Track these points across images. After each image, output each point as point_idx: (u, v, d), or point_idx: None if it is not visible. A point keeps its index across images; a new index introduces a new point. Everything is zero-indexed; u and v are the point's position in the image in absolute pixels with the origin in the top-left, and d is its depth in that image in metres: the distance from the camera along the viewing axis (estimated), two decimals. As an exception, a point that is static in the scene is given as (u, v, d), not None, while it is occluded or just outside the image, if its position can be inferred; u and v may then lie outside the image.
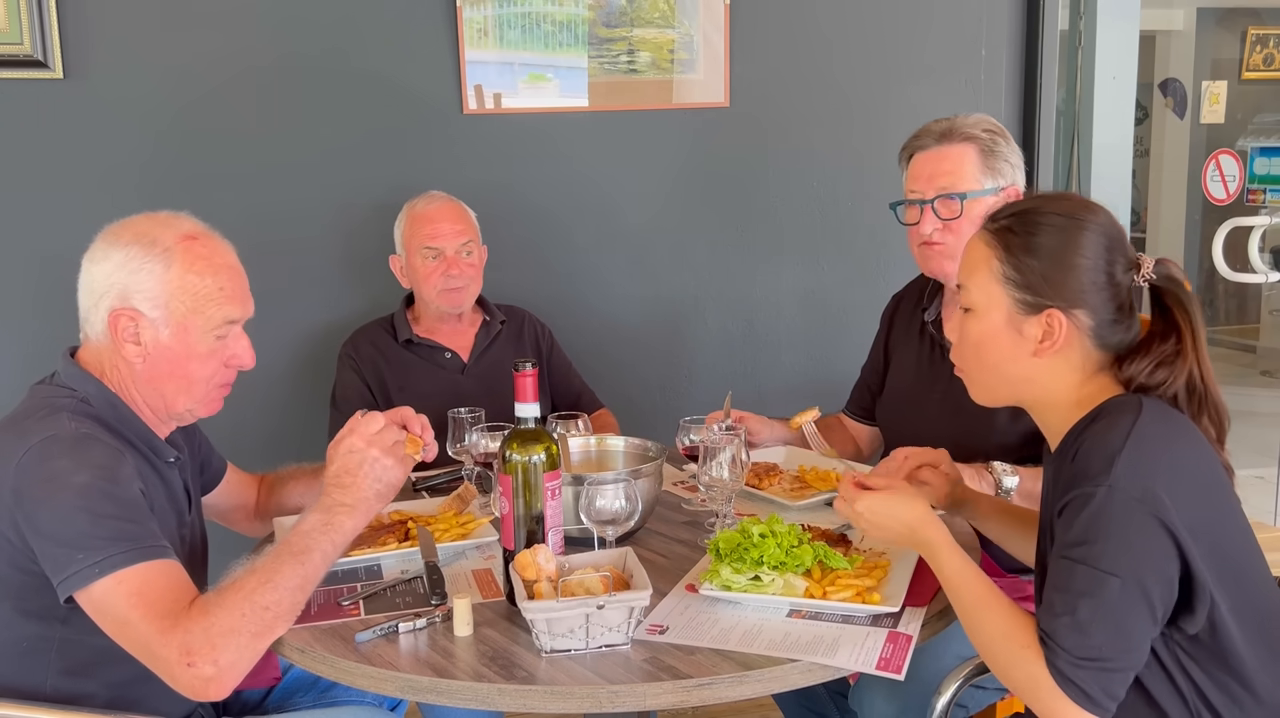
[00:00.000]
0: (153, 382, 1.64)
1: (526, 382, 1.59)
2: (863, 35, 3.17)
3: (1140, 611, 1.26)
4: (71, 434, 1.52)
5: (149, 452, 1.66)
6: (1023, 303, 1.40)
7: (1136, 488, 1.25)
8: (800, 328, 3.24)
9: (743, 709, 2.87)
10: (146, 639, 1.41)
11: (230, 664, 1.39)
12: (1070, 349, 1.40)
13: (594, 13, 2.94)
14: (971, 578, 1.41)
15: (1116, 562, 1.25)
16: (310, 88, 2.84)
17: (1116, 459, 1.26)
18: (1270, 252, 5.08)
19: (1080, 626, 1.26)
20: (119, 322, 1.60)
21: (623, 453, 2.04)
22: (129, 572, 1.42)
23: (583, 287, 3.08)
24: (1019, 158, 2.07)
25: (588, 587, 1.46)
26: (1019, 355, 1.42)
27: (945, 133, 2.05)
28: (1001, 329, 1.43)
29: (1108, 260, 1.38)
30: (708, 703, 1.42)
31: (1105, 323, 1.39)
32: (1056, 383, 1.42)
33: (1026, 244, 1.40)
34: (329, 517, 1.55)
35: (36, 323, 2.73)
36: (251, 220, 2.82)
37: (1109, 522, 1.26)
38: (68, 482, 1.46)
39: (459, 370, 2.59)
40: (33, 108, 2.69)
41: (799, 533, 1.62)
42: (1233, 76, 7.65)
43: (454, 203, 2.61)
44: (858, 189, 3.22)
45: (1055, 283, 1.38)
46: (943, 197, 2.03)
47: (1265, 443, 5.02)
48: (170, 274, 1.60)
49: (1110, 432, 1.30)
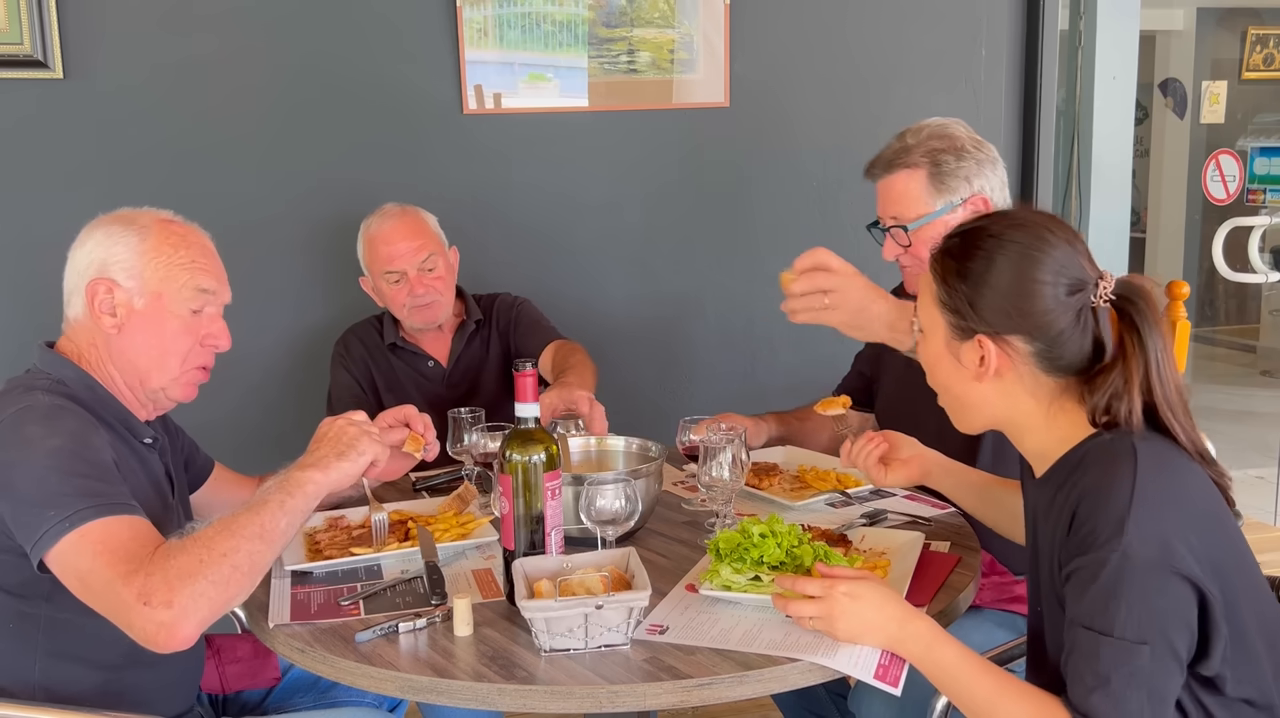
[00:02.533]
0: (127, 353, 1.67)
1: (526, 382, 1.58)
2: (863, 35, 3.17)
3: (1172, 670, 1.23)
4: (46, 405, 1.56)
5: (125, 431, 1.68)
6: (956, 328, 1.37)
7: (1152, 548, 1.21)
8: (800, 328, 3.21)
9: (743, 709, 2.87)
10: (107, 583, 1.40)
11: (185, 609, 1.37)
12: (1012, 375, 1.35)
13: (594, 13, 2.94)
14: (979, 666, 1.33)
15: (1143, 629, 1.21)
16: (310, 88, 2.84)
17: (1126, 521, 1.21)
18: (1270, 252, 5.08)
19: (1115, 698, 1.20)
20: (96, 292, 1.65)
21: (623, 453, 2.04)
22: (95, 524, 1.43)
23: (583, 286, 3.08)
24: (978, 163, 2.01)
25: (588, 586, 1.46)
26: (963, 380, 1.39)
27: (891, 159, 2.05)
28: (943, 352, 1.41)
29: (1049, 284, 1.31)
30: (708, 703, 1.42)
31: (1049, 348, 1.33)
32: (1014, 408, 1.38)
33: (959, 268, 1.36)
34: (288, 473, 1.58)
35: (36, 322, 2.72)
36: (251, 220, 2.82)
37: (1129, 588, 1.21)
38: (40, 445, 1.49)
39: (440, 379, 2.57)
40: (33, 108, 2.69)
41: (799, 533, 1.61)
42: (1233, 76, 7.65)
43: (408, 216, 2.51)
44: (857, 189, 3.21)
45: (984, 309, 1.34)
46: (894, 226, 2.05)
47: (1265, 443, 5.03)
48: (145, 245, 1.66)
49: (1112, 489, 1.24)
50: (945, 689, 1.38)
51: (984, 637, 1.84)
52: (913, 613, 1.40)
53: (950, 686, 1.35)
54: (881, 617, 1.38)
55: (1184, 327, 2.33)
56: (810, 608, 1.41)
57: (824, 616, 1.40)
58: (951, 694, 1.36)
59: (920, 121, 2.10)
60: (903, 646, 1.37)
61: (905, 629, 1.37)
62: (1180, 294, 2.38)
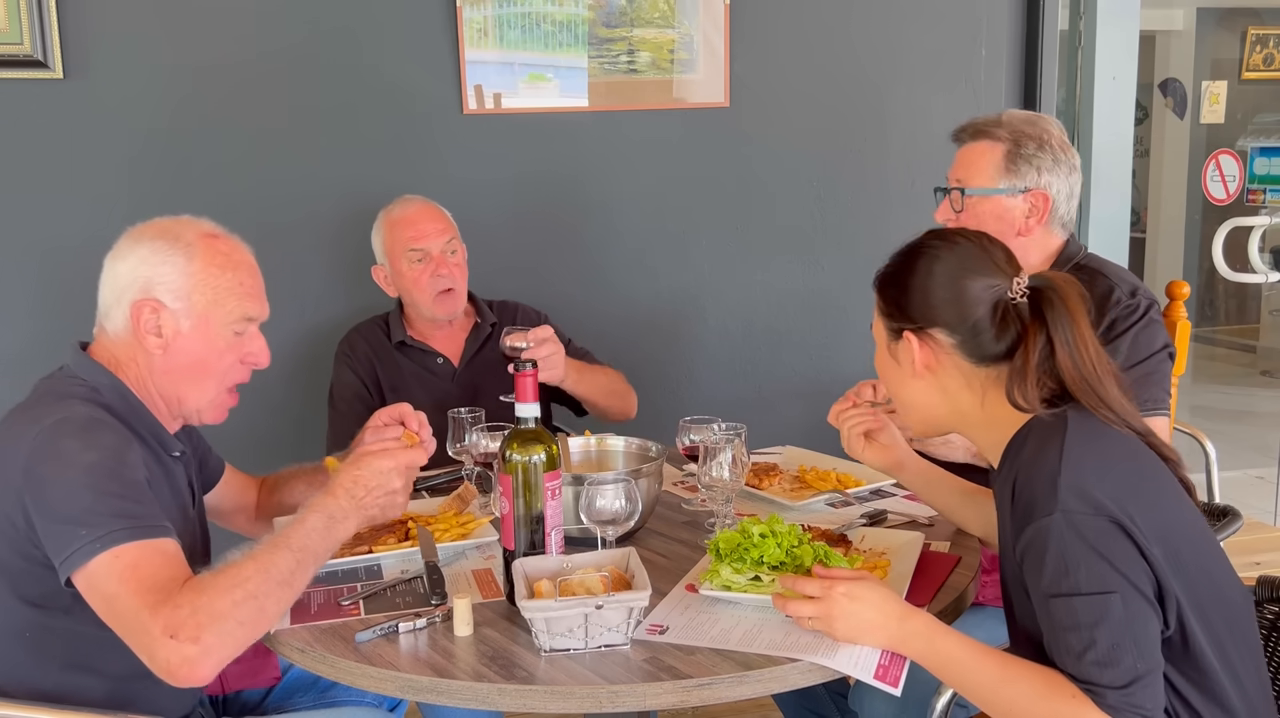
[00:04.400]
0: (170, 374, 1.67)
1: (526, 382, 1.59)
2: (862, 35, 3.17)
3: (1147, 612, 1.26)
4: (83, 417, 1.55)
5: (156, 444, 1.68)
6: (890, 330, 1.50)
7: (1087, 503, 1.26)
8: (800, 328, 3.25)
9: (743, 709, 2.87)
10: (134, 612, 1.39)
11: (210, 648, 1.37)
12: (942, 367, 1.45)
13: (594, 13, 2.94)
14: (980, 652, 1.36)
15: (1105, 579, 1.25)
16: (310, 88, 2.84)
17: (1058, 482, 1.27)
18: (1270, 252, 5.08)
19: (1107, 657, 1.24)
20: (141, 313, 1.63)
21: (623, 453, 2.04)
22: (127, 548, 1.42)
23: (583, 287, 3.08)
24: (1055, 161, 2.02)
25: (588, 586, 1.46)
26: (904, 379, 1.50)
27: (980, 128, 2.08)
28: (886, 357, 1.53)
29: (952, 276, 1.43)
30: (708, 703, 1.42)
31: (969, 338, 1.42)
32: (956, 402, 1.47)
33: (889, 277, 1.51)
34: (332, 522, 1.54)
35: (36, 321, 2.73)
36: (250, 220, 2.79)
37: (1077, 544, 1.26)
38: (75, 460, 1.48)
39: (449, 377, 2.57)
40: (33, 108, 2.69)
41: (799, 533, 1.61)
42: (1233, 76, 7.65)
43: (431, 203, 2.57)
44: (858, 189, 3.22)
45: (903, 305, 1.47)
46: (955, 189, 2.07)
47: (1265, 443, 5.02)
48: (193, 267, 1.64)
49: (1043, 456, 1.32)
50: (951, 681, 1.40)
51: (986, 634, 1.82)
52: (911, 611, 1.42)
53: (956, 677, 1.38)
54: (880, 616, 1.40)
55: (1184, 327, 2.33)
56: (809, 608, 1.43)
57: (823, 616, 1.42)
58: (958, 685, 1.39)
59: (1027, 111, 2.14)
60: (904, 644, 1.40)
61: (905, 627, 1.40)
62: (1180, 294, 2.38)
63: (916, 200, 3.15)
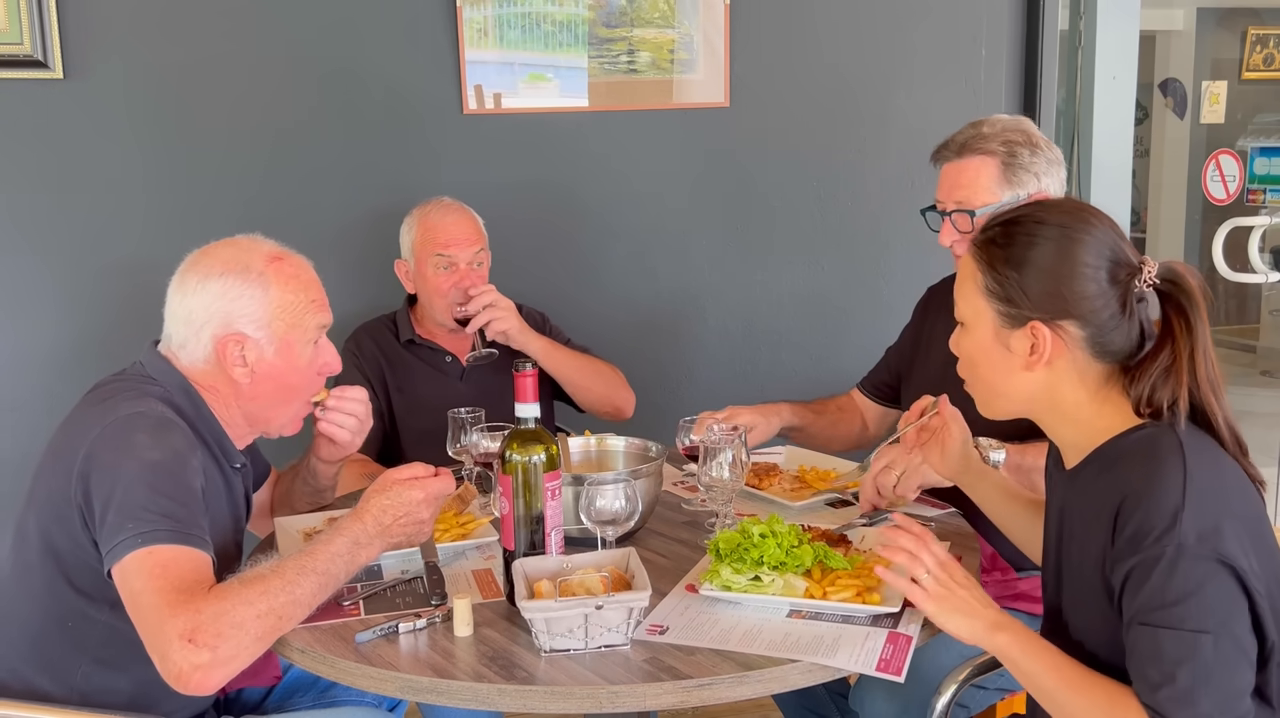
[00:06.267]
0: (257, 399, 1.73)
1: (526, 382, 1.59)
2: (862, 35, 3.17)
3: (1238, 660, 1.22)
4: (158, 416, 1.60)
5: (220, 453, 1.73)
6: (1006, 316, 1.37)
7: (1207, 540, 1.21)
8: (800, 328, 3.24)
9: (743, 709, 2.87)
10: (155, 609, 1.41)
11: (223, 657, 1.38)
12: (1063, 362, 1.35)
13: (594, 13, 2.94)
14: (1061, 659, 1.32)
15: (1201, 619, 1.20)
16: (310, 88, 2.84)
17: (1180, 513, 1.21)
18: (1270, 252, 5.07)
19: (1184, 695, 1.20)
20: (226, 348, 1.69)
21: (623, 453, 2.04)
22: (163, 548, 1.46)
23: (583, 287, 3.08)
24: (1048, 162, 2.03)
25: (588, 587, 1.46)
26: (1011, 369, 1.38)
27: (965, 144, 2.05)
28: (990, 343, 1.39)
29: (1095, 267, 1.32)
30: (708, 703, 1.42)
31: (1099, 332, 1.33)
32: (1060, 397, 1.37)
33: (1007, 256, 1.36)
34: (356, 548, 1.56)
35: (36, 321, 2.73)
36: (251, 221, 2.78)
37: (1185, 579, 1.20)
38: (140, 455, 1.53)
39: (458, 376, 2.58)
40: (33, 108, 2.68)
41: (799, 533, 1.62)
42: (1233, 76, 7.65)
43: (466, 211, 2.57)
44: (858, 189, 3.22)
45: (1035, 294, 1.34)
46: (958, 211, 2.04)
47: (1265, 443, 5.02)
48: (269, 296, 1.71)
49: (1161, 483, 1.24)
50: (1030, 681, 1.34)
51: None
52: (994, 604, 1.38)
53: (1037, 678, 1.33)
54: (980, 604, 1.38)
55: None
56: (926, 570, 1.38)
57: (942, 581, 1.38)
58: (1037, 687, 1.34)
59: (989, 116, 2.10)
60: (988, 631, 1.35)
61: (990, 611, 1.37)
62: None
63: (916, 200, 3.14)
